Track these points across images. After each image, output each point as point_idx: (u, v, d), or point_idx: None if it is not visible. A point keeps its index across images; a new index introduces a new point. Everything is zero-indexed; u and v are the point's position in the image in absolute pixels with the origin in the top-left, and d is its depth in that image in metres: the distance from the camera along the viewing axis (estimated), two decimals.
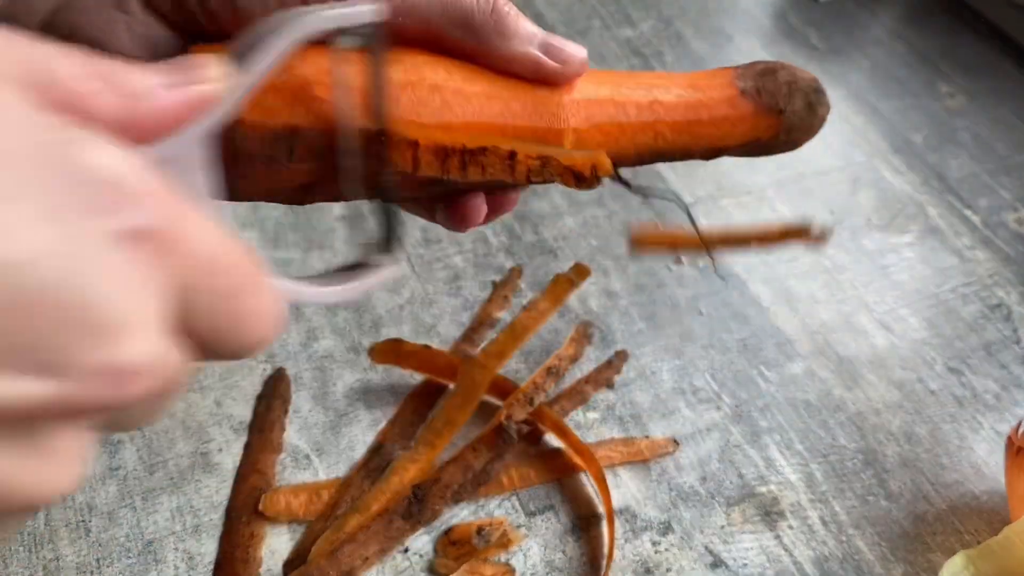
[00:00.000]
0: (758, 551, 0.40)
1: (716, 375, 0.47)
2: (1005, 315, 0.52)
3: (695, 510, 0.42)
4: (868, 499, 0.43)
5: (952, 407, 0.47)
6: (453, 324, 0.48)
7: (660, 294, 0.51)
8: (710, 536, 0.41)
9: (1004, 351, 0.50)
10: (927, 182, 0.60)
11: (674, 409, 0.45)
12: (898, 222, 0.57)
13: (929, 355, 0.49)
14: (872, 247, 0.55)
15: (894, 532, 0.42)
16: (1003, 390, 0.48)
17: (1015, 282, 0.54)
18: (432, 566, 0.39)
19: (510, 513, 0.41)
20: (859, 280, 0.53)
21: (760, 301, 0.51)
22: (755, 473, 0.43)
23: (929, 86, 0.67)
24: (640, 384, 0.46)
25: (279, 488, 0.40)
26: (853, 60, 0.69)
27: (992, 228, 0.57)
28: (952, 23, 0.74)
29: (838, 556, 0.40)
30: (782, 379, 0.47)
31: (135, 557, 0.38)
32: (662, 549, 0.40)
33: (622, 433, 0.44)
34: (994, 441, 0.45)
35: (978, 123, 0.65)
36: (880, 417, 0.46)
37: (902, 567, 0.40)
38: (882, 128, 0.63)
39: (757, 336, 0.49)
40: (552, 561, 0.39)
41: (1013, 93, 0.67)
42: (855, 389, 0.47)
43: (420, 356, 0.45)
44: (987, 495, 0.43)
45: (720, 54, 0.68)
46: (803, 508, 0.42)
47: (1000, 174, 0.61)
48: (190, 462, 0.41)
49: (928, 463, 0.44)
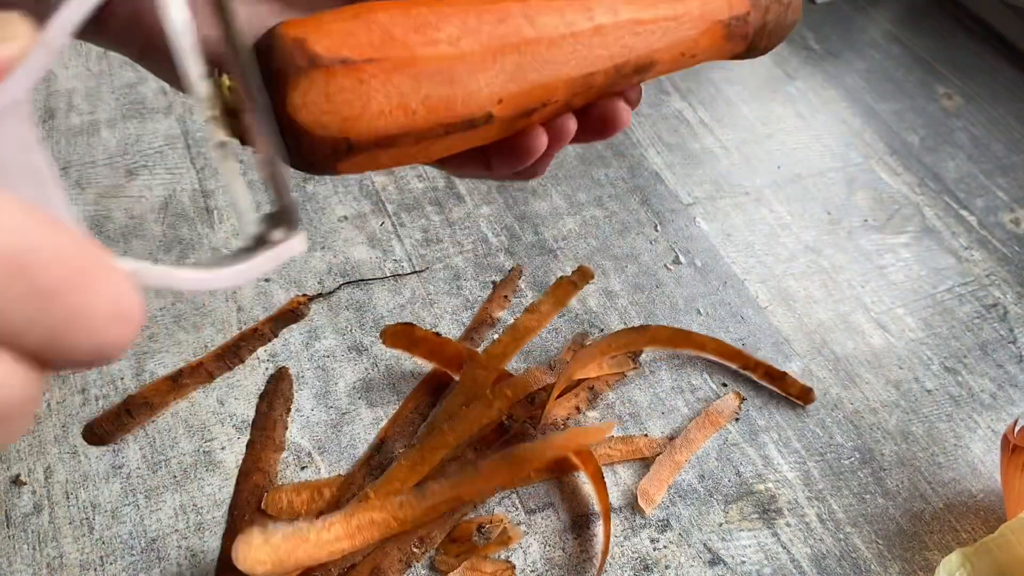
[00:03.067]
0: (756, 548, 0.41)
1: (714, 374, 0.47)
2: (1001, 315, 0.52)
3: (693, 508, 0.42)
4: (865, 497, 0.43)
5: (948, 406, 0.47)
6: (454, 324, 0.48)
7: (659, 294, 0.51)
8: (708, 533, 0.41)
9: (1000, 350, 0.50)
10: (924, 183, 0.60)
11: (673, 408, 0.46)
12: (895, 222, 0.57)
13: (925, 354, 0.50)
14: (869, 247, 0.55)
15: (891, 530, 0.42)
16: (999, 389, 0.48)
17: (1011, 282, 0.54)
18: (433, 563, 0.39)
19: (510, 511, 0.41)
20: (856, 280, 0.53)
21: (758, 301, 0.51)
22: (753, 471, 0.43)
23: (925, 87, 0.68)
24: (639, 383, 0.46)
25: (281, 486, 0.41)
26: (850, 62, 0.69)
27: (988, 228, 0.57)
28: (948, 25, 0.74)
29: (835, 553, 0.41)
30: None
31: (138, 555, 0.38)
32: (660, 546, 0.40)
33: (621, 431, 0.44)
34: (990, 440, 0.46)
35: (974, 124, 0.65)
36: (877, 416, 0.46)
37: (899, 565, 0.41)
38: (879, 129, 0.64)
39: (755, 335, 0.49)
40: (551, 558, 0.40)
41: (1009, 94, 0.68)
42: (852, 388, 0.47)
43: (431, 343, 0.45)
44: (983, 493, 0.44)
45: None
46: (800, 506, 0.42)
47: (996, 175, 0.61)
48: (193, 460, 0.41)
49: (925, 462, 0.45)
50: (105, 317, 0.13)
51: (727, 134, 0.62)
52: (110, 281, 0.13)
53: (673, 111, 0.63)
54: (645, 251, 0.53)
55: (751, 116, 0.64)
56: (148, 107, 0.58)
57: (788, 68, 0.68)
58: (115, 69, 0.60)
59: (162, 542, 0.39)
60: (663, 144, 0.61)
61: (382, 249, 0.51)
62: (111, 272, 0.13)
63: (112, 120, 0.57)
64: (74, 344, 0.13)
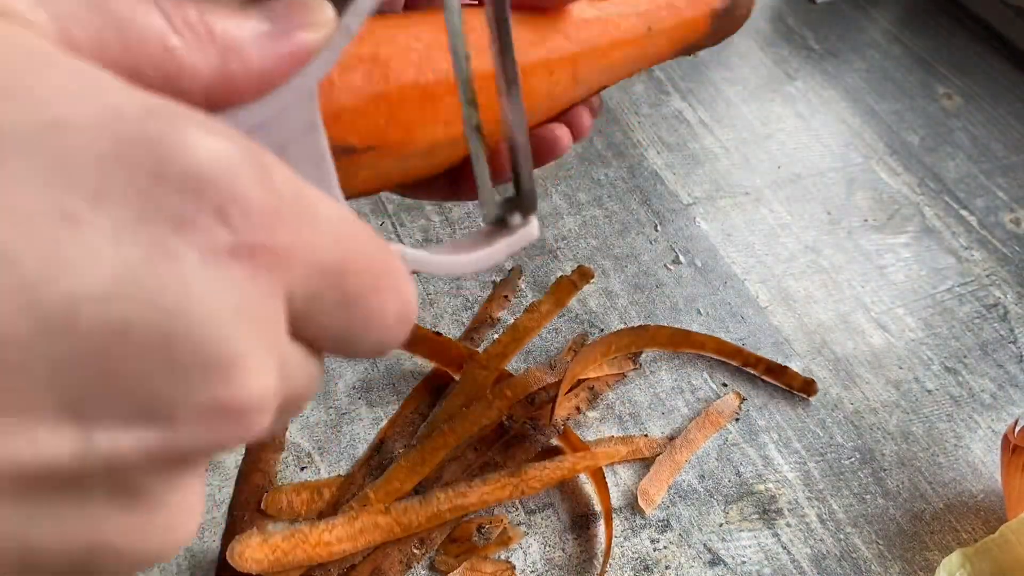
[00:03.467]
0: (756, 549, 0.41)
1: (714, 374, 0.47)
2: (1001, 315, 0.52)
3: (693, 508, 0.42)
4: (865, 497, 0.43)
5: (949, 406, 0.47)
6: (454, 324, 0.48)
7: (659, 294, 0.51)
8: (708, 534, 0.41)
9: (1000, 350, 0.50)
10: (924, 183, 0.60)
11: (672, 408, 0.46)
12: (895, 222, 0.57)
13: (926, 354, 0.50)
14: (869, 247, 0.55)
15: (891, 530, 0.42)
16: (999, 389, 0.48)
17: (1011, 282, 0.54)
18: (432, 563, 0.39)
19: (510, 511, 0.41)
20: (856, 280, 0.53)
21: (758, 301, 0.51)
22: (753, 471, 0.43)
23: (925, 87, 0.68)
24: (639, 383, 0.46)
25: (281, 486, 0.40)
26: (850, 62, 0.69)
27: (988, 228, 0.57)
28: (948, 25, 0.74)
29: (835, 554, 0.41)
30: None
31: None
32: (661, 547, 0.40)
33: (621, 432, 0.44)
34: (991, 440, 0.46)
35: (974, 124, 0.65)
36: (877, 416, 0.46)
37: (899, 565, 0.41)
38: (879, 129, 0.64)
39: (755, 335, 0.49)
40: (552, 559, 0.40)
41: (1009, 94, 0.68)
42: (852, 388, 0.47)
43: (431, 343, 0.45)
44: (984, 494, 0.44)
45: (719, 56, 0.68)
46: (801, 506, 0.42)
47: (996, 175, 0.61)
48: None
49: (925, 462, 0.45)
50: (394, 317, 0.13)
51: (727, 134, 0.62)
52: (400, 282, 0.13)
53: (673, 111, 0.63)
54: (645, 251, 0.53)
55: (751, 116, 0.64)
56: None
57: (788, 68, 0.68)
58: None
59: None
60: (663, 144, 0.61)
61: None
62: (401, 272, 0.13)
63: None
64: (363, 342, 0.13)
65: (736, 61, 0.68)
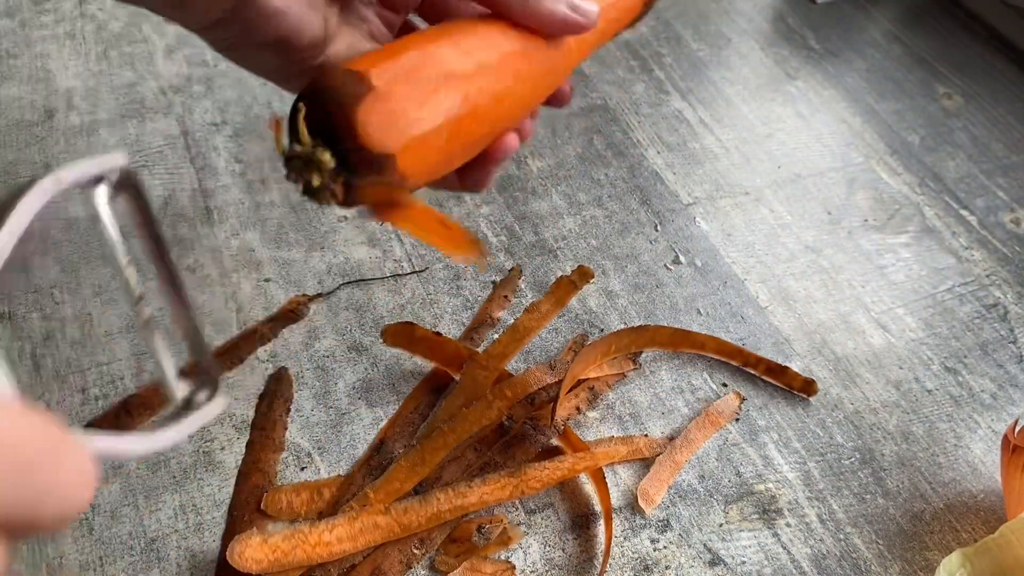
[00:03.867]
0: (756, 549, 0.41)
1: (714, 374, 0.47)
2: (1001, 315, 0.52)
3: (693, 508, 0.42)
4: (865, 497, 0.43)
5: (949, 406, 0.47)
6: (454, 324, 0.48)
7: (658, 294, 0.51)
8: (708, 534, 0.41)
9: (1000, 350, 0.50)
10: (924, 183, 0.60)
11: (672, 408, 0.46)
12: (895, 222, 0.57)
13: (926, 354, 0.50)
14: (869, 247, 0.55)
15: (891, 530, 0.42)
16: (999, 389, 0.48)
17: (1011, 282, 0.54)
18: (433, 563, 0.39)
19: (510, 511, 0.41)
20: (856, 280, 0.53)
21: (758, 301, 0.51)
22: (753, 471, 0.43)
23: (926, 87, 0.68)
24: (639, 383, 0.46)
25: (281, 486, 0.40)
26: (850, 62, 0.69)
27: (989, 228, 0.57)
28: (948, 25, 0.74)
29: (835, 554, 0.41)
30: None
31: (138, 555, 0.38)
32: (661, 547, 0.40)
33: (621, 432, 0.44)
34: (990, 440, 0.46)
35: (974, 124, 0.65)
36: (877, 416, 0.46)
37: (899, 565, 0.41)
38: (879, 129, 0.64)
39: (755, 335, 0.49)
40: (552, 559, 0.40)
41: (1009, 94, 0.68)
42: (852, 388, 0.47)
43: (431, 343, 0.45)
44: (983, 494, 0.44)
45: (719, 56, 0.68)
46: (801, 506, 0.42)
47: (996, 174, 0.61)
48: (192, 460, 0.41)
49: (925, 462, 0.45)
50: (74, 485, 0.15)
51: (727, 134, 0.62)
52: (73, 452, 0.15)
53: (673, 111, 0.63)
54: (645, 251, 0.53)
55: (751, 116, 0.64)
56: (148, 107, 0.58)
57: (788, 68, 0.68)
58: (115, 69, 0.60)
59: (161, 542, 0.39)
60: (663, 144, 0.61)
61: (382, 249, 0.51)
62: (72, 445, 0.15)
63: (112, 120, 0.57)
64: (47, 513, 0.14)
65: (736, 61, 0.68)
